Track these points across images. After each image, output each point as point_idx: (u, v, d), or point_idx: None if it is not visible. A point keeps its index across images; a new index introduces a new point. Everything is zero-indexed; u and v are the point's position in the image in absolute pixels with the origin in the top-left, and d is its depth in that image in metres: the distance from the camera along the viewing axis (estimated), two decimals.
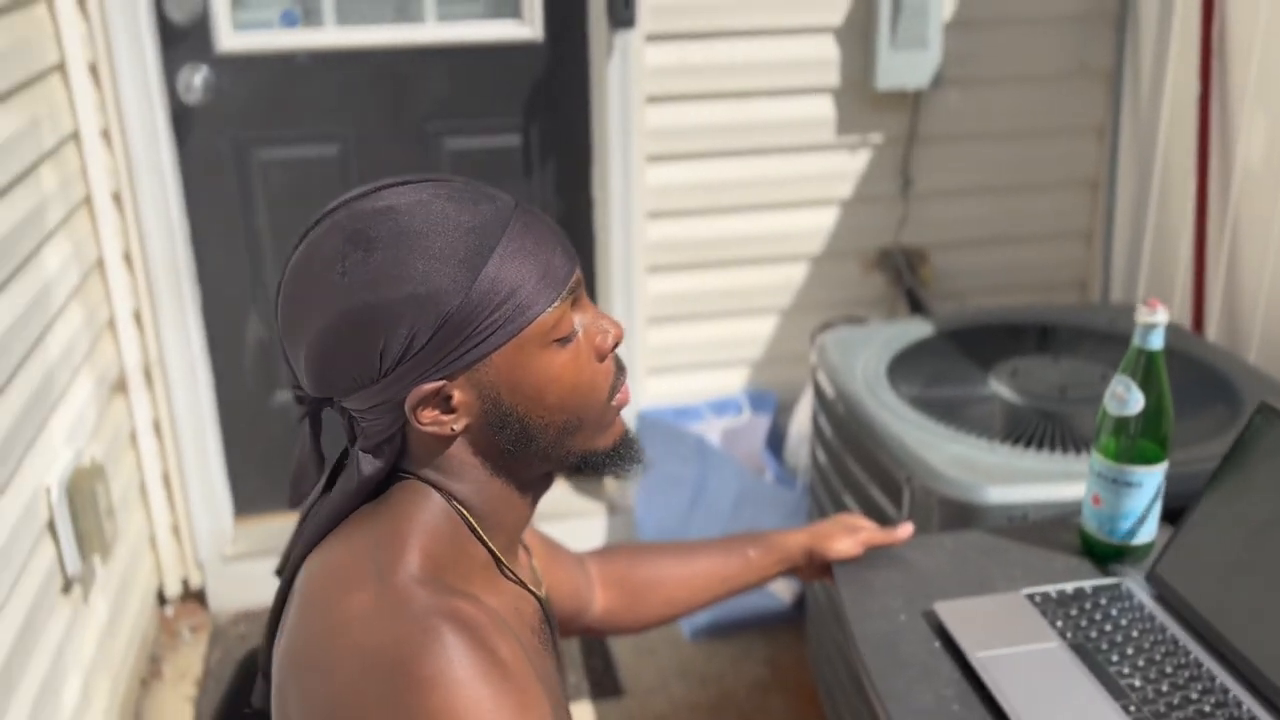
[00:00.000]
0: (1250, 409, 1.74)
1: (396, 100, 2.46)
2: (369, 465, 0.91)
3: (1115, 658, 1.18)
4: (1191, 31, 2.31)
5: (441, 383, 0.87)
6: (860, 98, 2.53)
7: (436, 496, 0.92)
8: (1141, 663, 1.17)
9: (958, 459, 1.70)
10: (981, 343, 2.12)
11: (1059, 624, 1.23)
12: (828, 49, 2.48)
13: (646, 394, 2.65)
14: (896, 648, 1.24)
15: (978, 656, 1.19)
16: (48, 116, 2.04)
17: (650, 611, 1.31)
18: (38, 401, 1.85)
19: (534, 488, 0.97)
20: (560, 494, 2.71)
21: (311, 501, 0.97)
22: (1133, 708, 1.10)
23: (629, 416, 1.00)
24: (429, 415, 0.88)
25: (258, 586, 2.57)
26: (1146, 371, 1.29)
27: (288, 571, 0.96)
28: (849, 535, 1.38)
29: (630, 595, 1.29)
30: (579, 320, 0.92)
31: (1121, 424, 1.31)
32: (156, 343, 2.38)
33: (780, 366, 2.69)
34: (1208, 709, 1.10)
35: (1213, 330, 2.29)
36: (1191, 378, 1.93)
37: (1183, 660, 1.17)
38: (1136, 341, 1.30)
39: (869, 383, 1.96)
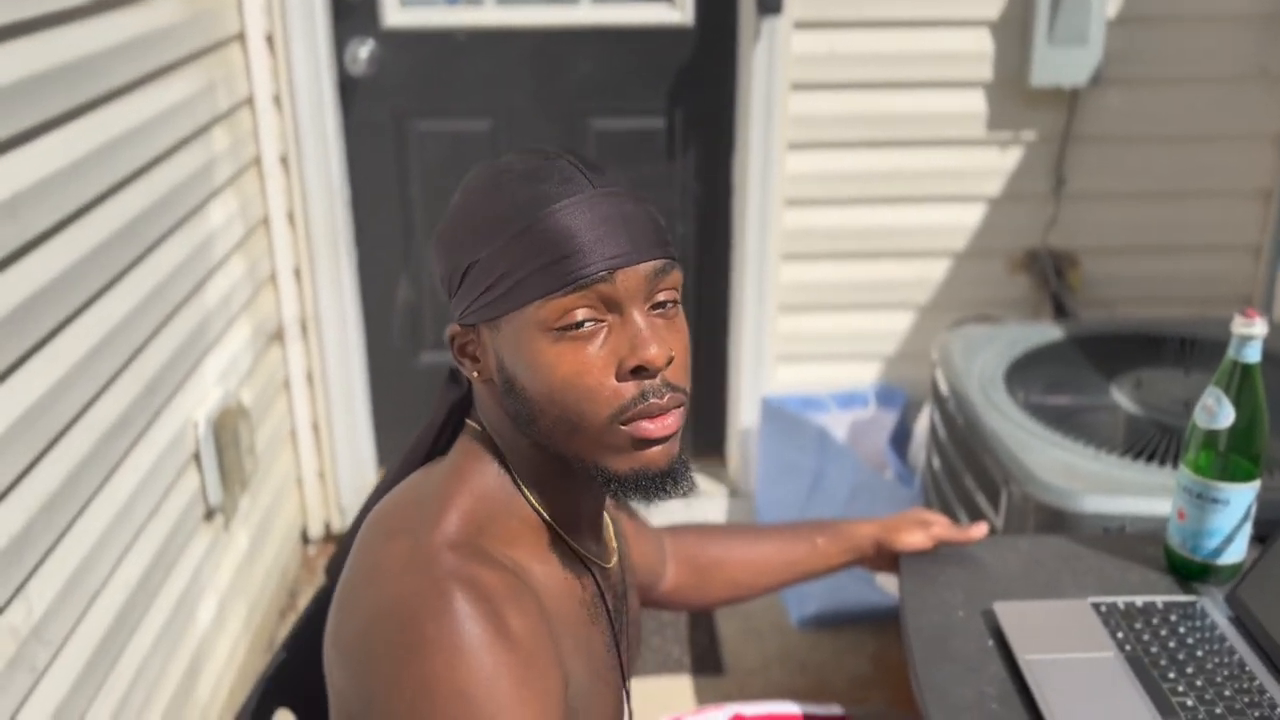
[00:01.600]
0: None
1: (547, 79, 2.54)
2: (447, 389, 1.01)
3: (1172, 674, 1.14)
4: None
5: (464, 328, 0.93)
6: (1014, 94, 2.47)
7: (491, 456, 0.94)
8: (1200, 683, 1.13)
9: (1060, 465, 1.66)
10: (1113, 351, 2.05)
11: (1119, 635, 1.20)
12: (982, 42, 2.43)
13: (774, 381, 2.67)
14: (947, 642, 1.23)
15: (1026, 658, 1.17)
16: (224, 81, 2.21)
17: (714, 591, 1.34)
18: (193, 343, 2.01)
19: (587, 476, 0.92)
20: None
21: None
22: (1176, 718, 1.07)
23: (661, 452, 0.90)
24: (457, 353, 0.95)
25: None
26: (1241, 385, 1.24)
27: (368, 502, 1.04)
28: (920, 529, 1.37)
29: (697, 573, 1.33)
30: (615, 327, 0.88)
31: (1211, 438, 1.26)
32: (313, 298, 2.54)
33: (912, 364, 2.65)
34: None
35: None
36: None
37: (1246, 685, 1.13)
38: (1231, 353, 1.24)
39: (984, 384, 1.93)
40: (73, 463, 1.54)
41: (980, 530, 1.38)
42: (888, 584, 2.46)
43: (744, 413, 2.69)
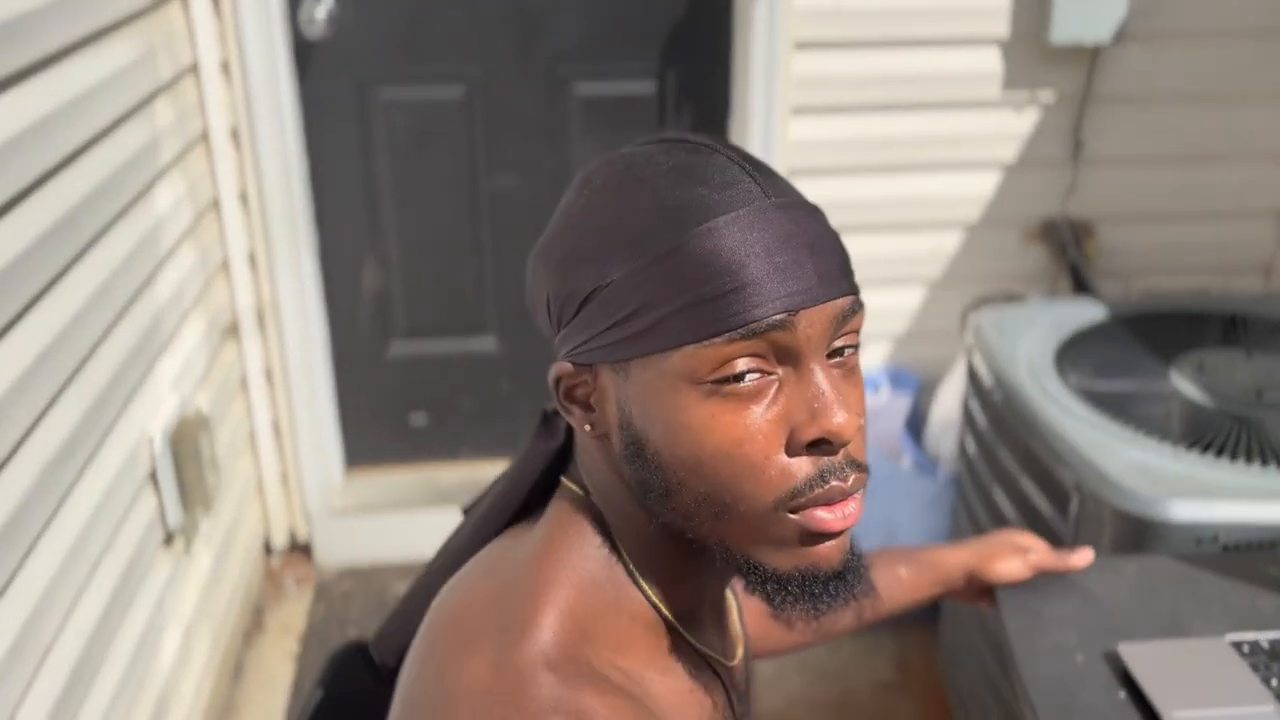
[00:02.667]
0: None
1: (526, 40, 2.31)
2: (540, 436, 0.81)
3: None
4: None
5: (577, 367, 0.72)
6: (1031, 51, 2.29)
7: (597, 526, 0.74)
8: None
9: (1137, 466, 1.49)
10: (1160, 331, 1.89)
11: (1274, 682, 1.04)
12: None
13: None
14: (1073, 697, 1.06)
15: (1175, 717, 1.00)
16: (165, 47, 1.95)
17: (787, 639, 1.15)
18: (144, 347, 1.77)
19: (732, 569, 0.73)
20: None
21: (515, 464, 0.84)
22: None
23: (835, 548, 0.68)
24: (563, 397, 0.74)
25: (365, 542, 2.49)
26: None
27: (424, 578, 0.83)
28: (1017, 556, 1.19)
29: (767, 620, 1.14)
30: (789, 382, 0.67)
31: None
32: (271, 286, 2.30)
33: (925, 344, 2.48)
34: None
35: None
36: None
37: None
38: None
39: (1032, 370, 1.76)
40: (16, 498, 1.31)
41: (1086, 557, 1.21)
42: None
43: None
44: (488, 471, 2.59)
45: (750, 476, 0.67)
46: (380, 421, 2.59)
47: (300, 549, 2.54)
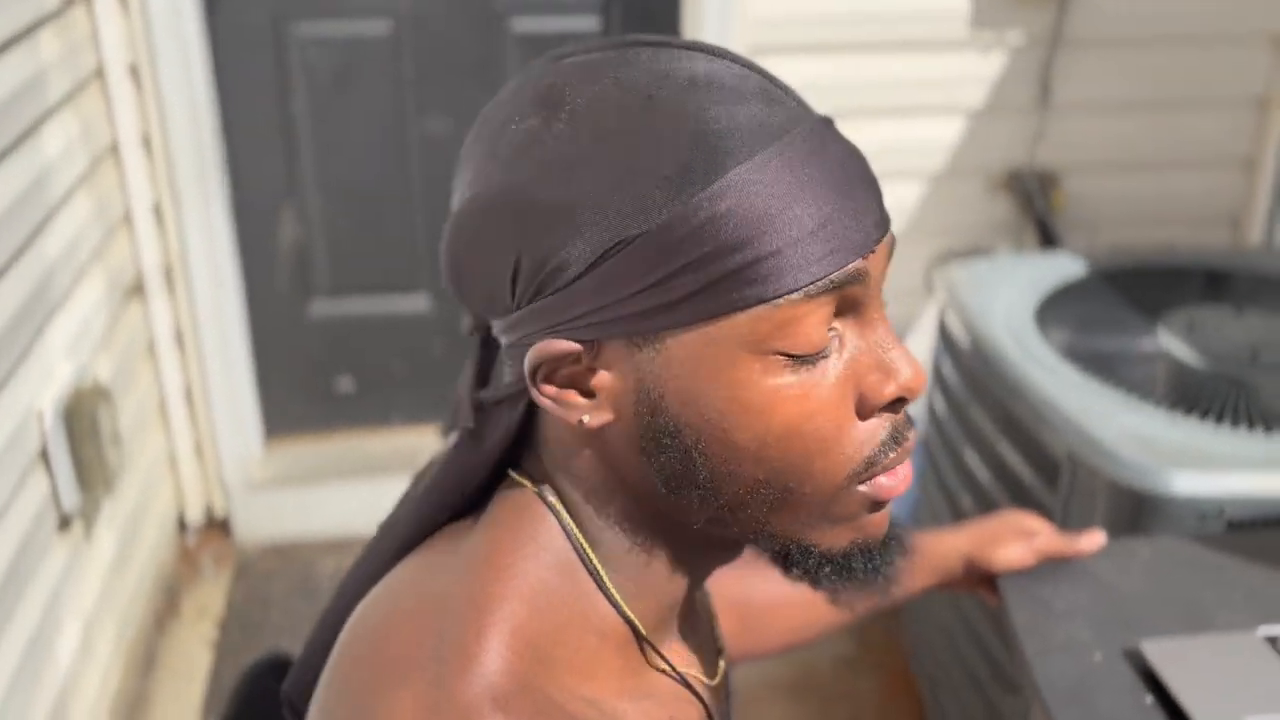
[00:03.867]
0: None
1: None
2: (468, 438, 0.62)
3: None
4: None
5: (579, 346, 0.56)
6: None
7: (555, 526, 0.60)
8: None
9: (1132, 433, 1.38)
10: (1141, 286, 1.78)
11: None
12: None
13: None
14: (1093, 701, 0.94)
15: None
16: None
17: (769, 640, 1.02)
18: (31, 310, 1.57)
19: (711, 552, 0.64)
20: None
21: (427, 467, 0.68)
22: None
23: (885, 516, 0.59)
24: (550, 388, 0.57)
25: (288, 516, 2.32)
26: None
27: (351, 584, 0.67)
28: (1020, 541, 1.06)
29: (746, 622, 1.00)
30: (849, 337, 0.57)
31: None
32: (179, 240, 2.10)
33: (888, 299, 2.35)
34: None
35: None
36: None
37: None
38: None
39: (1013, 329, 1.64)
40: None
41: (1096, 540, 1.08)
42: None
43: None
44: (421, 440, 2.42)
45: (822, 453, 0.56)
46: (302, 387, 2.41)
47: (218, 525, 2.35)
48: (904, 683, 2.01)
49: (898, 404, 0.58)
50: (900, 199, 2.29)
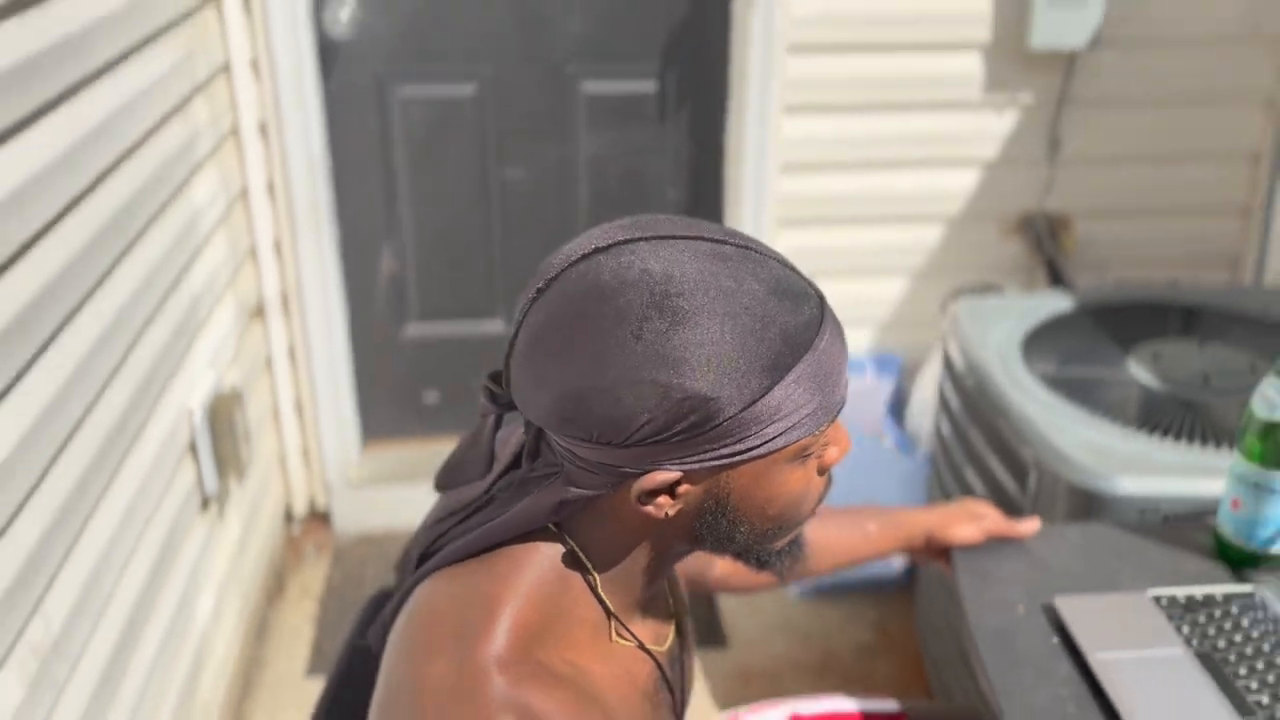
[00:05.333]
0: None
1: (536, 40, 2.46)
2: (546, 501, 0.85)
3: (1243, 671, 1.14)
4: None
5: (680, 474, 0.81)
6: (1012, 56, 2.43)
7: (554, 551, 0.86)
8: (1271, 679, 1.13)
9: (1090, 445, 1.65)
10: (1123, 321, 2.05)
11: (1185, 630, 1.19)
12: (981, 3, 2.39)
13: None
14: (1014, 642, 1.22)
15: (1097, 658, 1.16)
16: (202, 49, 2.09)
17: (760, 577, 1.31)
18: (184, 328, 1.93)
19: (679, 558, 0.92)
20: None
21: (463, 503, 0.94)
22: (1243, 714, 1.07)
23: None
24: (650, 500, 0.82)
25: (380, 510, 2.65)
26: None
27: (409, 579, 0.94)
28: (972, 522, 1.35)
29: (725, 574, 1.30)
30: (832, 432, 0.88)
31: (1269, 429, 1.25)
32: (295, 271, 2.45)
33: (908, 330, 2.63)
34: None
35: None
36: None
37: None
38: None
39: (1002, 357, 1.91)
40: (80, 469, 1.46)
41: (1033, 525, 1.36)
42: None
43: None
44: None
45: (806, 503, 0.89)
46: (395, 399, 2.74)
47: (319, 517, 2.70)
48: (916, 668, 2.27)
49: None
50: (922, 240, 2.57)
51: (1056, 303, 2.10)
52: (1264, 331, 1.97)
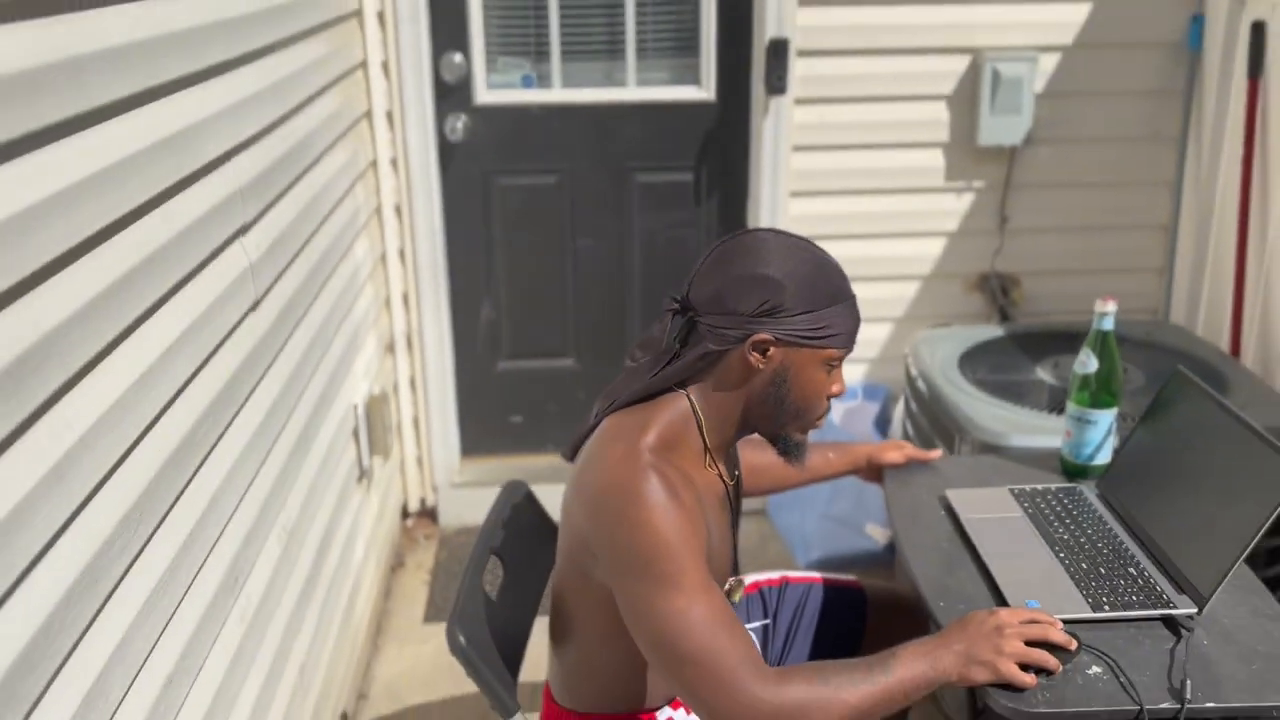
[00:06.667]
0: (1236, 396, 2.32)
1: (602, 144, 3.24)
2: (698, 359, 1.50)
3: (1056, 524, 1.81)
4: (1242, 108, 2.88)
5: (772, 337, 1.46)
6: (965, 152, 3.18)
7: (682, 403, 1.51)
8: (1073, 527, 1.80)
9: (996, 418, 2.34)
10: (1034, 344, 2.74)
11: (1025, 505, 1.87)
12: (940, 112, 3.14)
13: None
14: (917, 513, 1.90)
15: (966, 518, 1.84)
16: (358, 148, 2.89)
17: (763, 484, 2.00)
18: (349, 349, 2.68)
19: (750, 428, 1.57)
20: None
21: (635, 374, 1.57)
22: (1057, 547, 1.74)
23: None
24: (755, 355, 1.47)
25: (476, 508, 3.36)
26: (1101, 345, 1.92)
27: (601, 414, 1.63)
28: (897, 450, 2.04)
29: (752, 473, 1.99)
30: (839, 368, 1.54)
31: (1084, 381, 1.94)
32: (417, 318, 3.21)
33: (891, 365, 3.34)
34: (1105, 550, 1.73)
35: (1249, 355, 2.84)
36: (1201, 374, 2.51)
37: (1100, 529, 1.80)
38: (1095, 325, 1.93)
39: (944, 368, 2.61)
40: (294, 437, 2.19)
41: (937, 452, 2.05)
42: (876, 534, 3.12)
43: None
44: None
45: (818, 403, 1.55)
46: (488, 420, 3.47)
47: (428, 513, 3.41)
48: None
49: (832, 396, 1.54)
50: (902, 294, 3.29)
51: (988, 332, 2.81)
52: (1132, 346, 2.66)
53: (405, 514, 3.41)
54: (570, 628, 1.61)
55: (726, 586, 1.66)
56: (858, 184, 3.20)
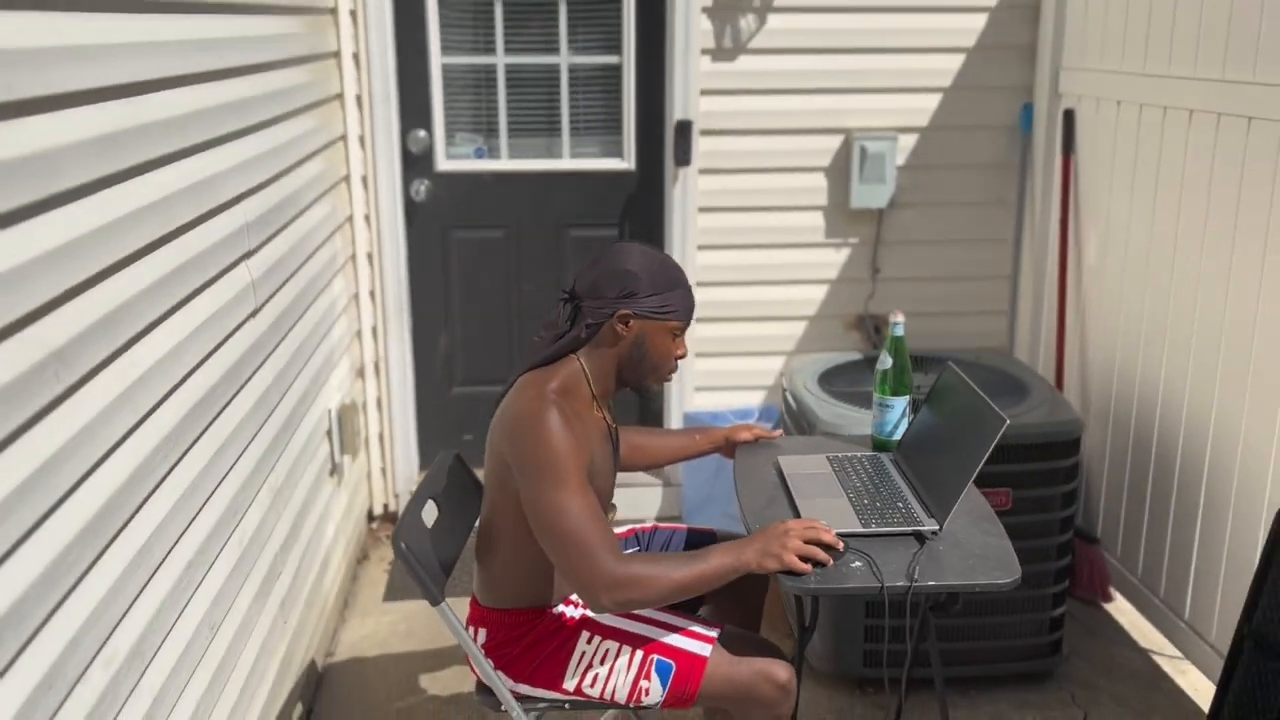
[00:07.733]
0: (1036, 403, 2.96)
1: (541, 205, 3.88)
2: (581, 332, 2.14)
3: (854, 477, 2.42)
4: (1058, 178, 3.56)
5: (631, 313, 2.08)
6: (841, 213, 3.84)
7: (575, 366, 2.12)
8: (866, 480, 2.40)
9: (837, 415, 2.96)
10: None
11: (835, 466, 2.48)
12: (820, 181, 3.80)
13: (693, 403, 3.96)
14: (754, 472, 2.50)
15: (788, 473, 2.45)
16: (338, 204, 3.52)
17: (639, 461, 2.58)
18: (325, 366, 3.28)
19: (623, 381, 2.15)
20: (637, 476, 4.02)
21: (540, 347, 2.22)
22: (850, 491, 2.35)
23: (669, 391, 2.24)
24: (620, 325, 2.08)
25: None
26: (895, 348, 2.55)
27: (516, 376, 2.26)
28: (748, 431, 2.64)
29: (631, 450, 2.58)
30: (682, 337, 2.13)
31: (884, 375, 2.56)
32: (384, 347, 3.82)
33: (781, 392, 3.95)
34: (884, 493, 2.34)
35: (1071, 379, 3.48)
36: (1002, 382, 3.14)
37: (886, 481, 2.40)
38: (890, 332, 2.56)
39: (806, 382, 3.24)
40: (282, 418, 2.78)
41: (779, 432, 2.66)
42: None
43: (673, 424, 3.96)
44: None
45: (668, 364, 2.16)
46: (445, 437, 4.06)
47: (390, 517, 3.98)
48: (782, 620, 3.48)
49: (681, 354, 2.17)
50: (793, 331, 3.92)
51: (845, 357, 3.44)
52: (962, 366, 3.30)
53: (371, 518, 3.98)
54: (492, 539, 2.19)
55: (608, 513, 2.25)
56: (753, 239, 3.84)
